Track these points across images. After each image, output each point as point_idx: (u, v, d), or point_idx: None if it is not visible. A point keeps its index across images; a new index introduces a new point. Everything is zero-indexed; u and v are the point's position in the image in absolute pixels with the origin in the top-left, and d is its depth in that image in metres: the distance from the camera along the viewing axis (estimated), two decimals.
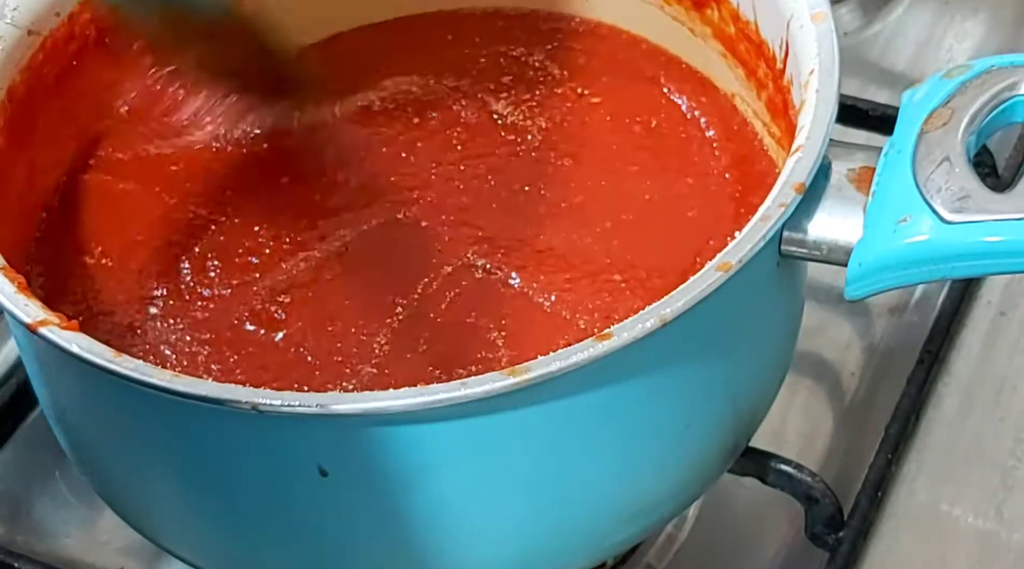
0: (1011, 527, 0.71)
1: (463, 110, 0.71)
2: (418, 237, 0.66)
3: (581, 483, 0.58)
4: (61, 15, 0.68)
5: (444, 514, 0.57)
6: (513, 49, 0.73)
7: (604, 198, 0.67)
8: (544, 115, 0.71)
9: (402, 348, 0.62)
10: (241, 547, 0.60)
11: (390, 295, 0.64)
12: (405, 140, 0.70)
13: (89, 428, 0.62)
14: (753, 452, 0.67)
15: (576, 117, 0.70)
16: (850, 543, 0.68)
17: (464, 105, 0.71)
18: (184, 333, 0.63)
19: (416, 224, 0.67)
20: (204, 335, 0.63)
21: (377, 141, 0.70)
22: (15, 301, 0.56)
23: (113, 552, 0.73)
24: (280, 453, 0.56)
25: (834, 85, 0.60)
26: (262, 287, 0.64)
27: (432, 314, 0.63)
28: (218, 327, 0.63)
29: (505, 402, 0.53)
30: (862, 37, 0.93)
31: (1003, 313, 0.79)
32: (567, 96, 0.71)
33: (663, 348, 0.55)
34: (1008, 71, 0.58)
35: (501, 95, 0.72)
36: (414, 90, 0.72)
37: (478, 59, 0.73)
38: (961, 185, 0.56)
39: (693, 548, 0.72)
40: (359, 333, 0.62)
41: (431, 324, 0.63)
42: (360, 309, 0.63)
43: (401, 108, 0.71)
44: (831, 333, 0.78)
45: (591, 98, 0.71)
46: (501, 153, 0.69)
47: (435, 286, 0.64)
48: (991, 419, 0.75)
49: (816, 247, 0.58)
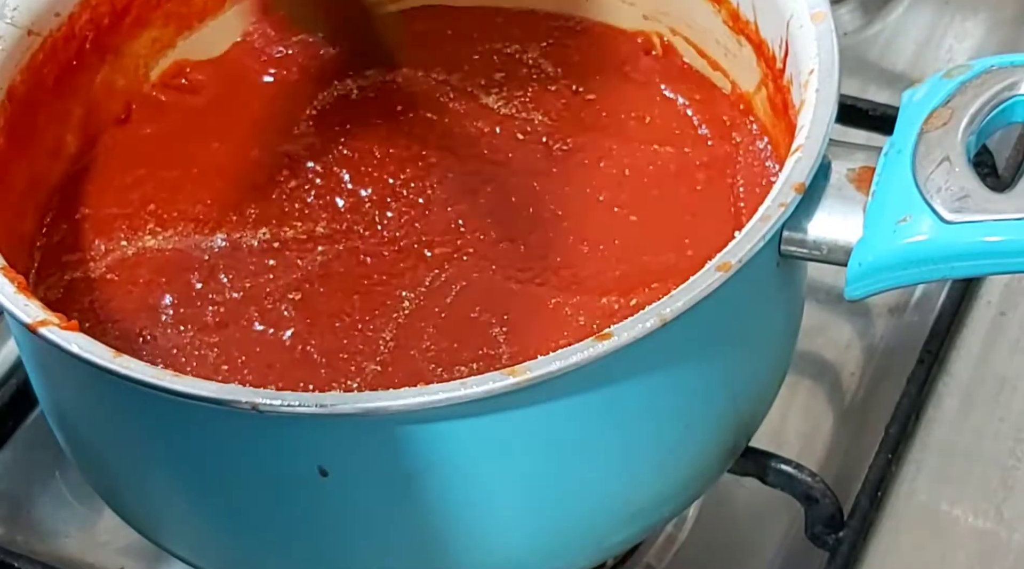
0: (1011, 527, 0.71)
1: (451, 102, 0.71)
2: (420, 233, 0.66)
3: (581, 483, 0.58)
4: (61, 15, 0.68)
5: (444, 514, 0.57)
6: (508, 46, 0.74)
7: (603, 196, 0.67)
8: (539, 111, 0.71)
9: (407, 345, 0.62)
10: (241, 547, 0.60)
11: (397, 289, 0.64)
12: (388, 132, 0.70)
13: (89, 428, 0.62)
14: (753, 452, 0.67)
15: (572, 114, 0.71)
16: (850, 543, 0.68)
17: (452, 97, 0.71)
18: (195, 336, 0.63)
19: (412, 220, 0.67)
20: (213, 337, 0.63)
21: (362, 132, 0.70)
22: (15, 301, 0.56)
23: (113, 552, 0.73)
24: (280, 453, 0.56)
25: (834, 85, 0.60)
26: (275, 288, 0.64)
27: (437, 308, 0.63)
28: (228, 328, 0.63)
29: (505, 402, 0.53)
30: (862, 37, 0.93)
31: (1003, 313, 0.79)
32: (561, 93, 0.71)
33: (663, 348, 0.55)
34: (1008, 71, 0.58)
35: (492, 91, 0.72)
36: (399, 81, 0.72)
37: (472, 55, 0.73)
38: (961, 185, 0.56)
39: (693, 548, 0.72)
40: (365, 329, 0.62)
41: (436, 319, 0.63)
42: (367, 305, 0.63)
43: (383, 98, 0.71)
44: (831, 333, 0.78)
45: (586, 95, 0.71)
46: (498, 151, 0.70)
47: (443, 279, 0.64)
48: (991, 419, 0.75)
49: (816, 247, 0.58)
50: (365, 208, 0.67)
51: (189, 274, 0.65)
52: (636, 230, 0.66)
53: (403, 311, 0.63)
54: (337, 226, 0.67)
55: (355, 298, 0.64)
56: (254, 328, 0.63)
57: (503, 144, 0.70)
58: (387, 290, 0.64)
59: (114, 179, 0.69)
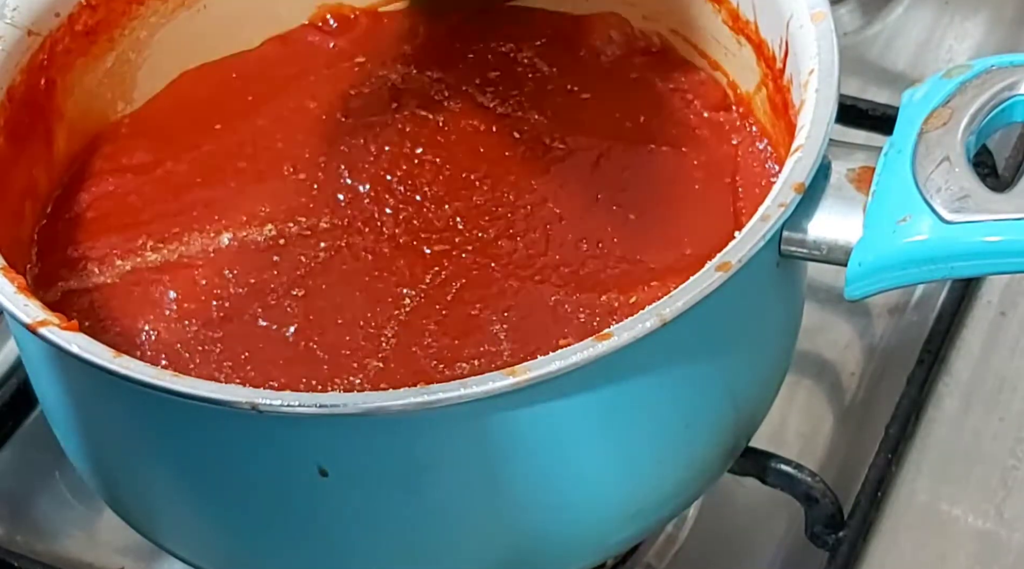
0: (1011, 527, 0.71)
1: (446, 101, 0.71)
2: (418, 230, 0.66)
3: (581, 483, 0.58)
4: (61, 15, 0.68)
5: (444, 514, 0.57)
6: (503, 45, 0.74)
7: (601, 195, 0.67)
8: (536, 110, 0.71)
9: (408, 342, 0.62)
10: (241, 547, 0.60)
11: (398, 286, 0.64)
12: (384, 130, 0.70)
13: (89, 428, 0.62)
14: (753, 452, 0.67)
15: (569, 113, 0.70)
16: (850, 543, 0.68)
17: (447, 95, 0.71)
18: (198, 331, 0.63)
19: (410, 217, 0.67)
20: (217, 333, 0.63)
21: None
22: (15, 301, 0.56)
23: (113, 552, 0.73)
24: (280, 453, 0.56)
25: (834, 85, 0.60)
26: (279, 284, 0.64)
27: (438, 305, 0.63)
28: (232, 324, 0.63)
29: (505, 402, 0.53)
30: (862, 37, 0.93)
31: (1003, 313, 0.79)
32: (558, 93, 0.71)
33: (663, 348, 0.55)
34: (1008, 71, 0.58)
35: (488, 90, 0.72)
36: (392, 77, 0.73)
37: (466, 54, 0.73)
38: (961, 185, 0.56)
39: (693, 548, 0.72)
40: (367, 326, 0.62)
41: (437, 316, 0.63)
42: (369, 301, 0.63)
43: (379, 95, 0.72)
44: (831, 333, 0.78)
45: (582, 95, 0.71)
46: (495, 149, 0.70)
47: (443, 276, 0.64)
48: (991, 419, 0.75)
49: (816, 247, 0.58)
50: (364, 204, 0.67)
51: (193, 270, 0.65)
52: (635, 229, 0.66)
53: (404, 308, 0.63)
54: (338, 222, 0.67)
55: (357, 295, 0.64)
56: (258, 324, 0.63)
57: (499, 142, 0.70)
58: (388, 287, 0.64)
59: (115, 179, 0.69)
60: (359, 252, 0.65)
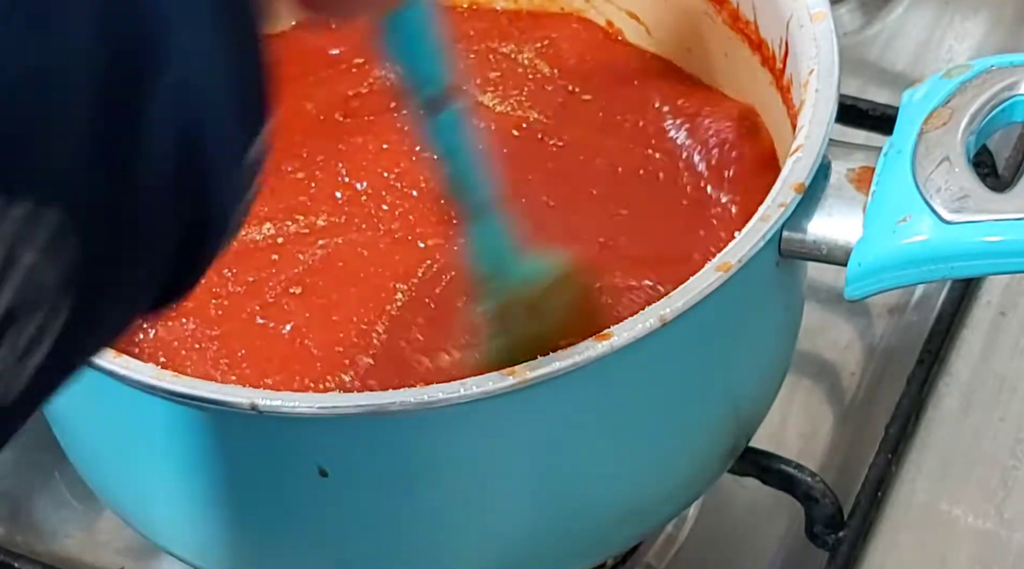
0: (1011, 527, 0.71)
1: None
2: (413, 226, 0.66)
3: (581, 483, 0.58)
4: None
5: (444, 514, 0.57)
6: (504, 46, 0.74)
7: (596, 191, 0.67)
8: (535, 110, 0.71)
9: (397, 335, 0.62)
10: (240, 547, 0.60)
11: (392, 281, 0.64)
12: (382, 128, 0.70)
13: (89, 428, 0.62)
14: (753, 452, 0.67)
15: (568, 113, 0.70)
16: (850, 543, 0.68)
17: None
18: (196, 329, 0.63)
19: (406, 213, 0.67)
20: (214, 331, 0.63)
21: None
22: None
23: (113, 552, 0.73)
24: (280, 453, 0.56)
25: (834, 85, 0.60)
26: (277, 281, 0.64)
27: (427, 299, 0.63)
28: (229, 322, 0.63)
29: (505, 402, 0.53)
30: (862, 37, 0.93)
31: (1003, 313, 0.79)
32: (557, 93, 0.71)
33: (663, 348, 0.55)
34: (1008, 71, 0.58)
35: (488, 90, 0.72)
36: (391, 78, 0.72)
37: (467, 54, 0.73)
38: (961, 185, 0.56)
39: (693, 548, 0.72)
40: (360, 322, 0.62)
41: (426, 309, 0.63)
42: (363, 297, 0.63)
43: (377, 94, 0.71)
44: (831, 333, 0.78)
45: (582, 96, 0.71)
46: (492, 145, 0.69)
47: (435, 269, 0.64)
48: (991, 419, 0.75)
49: (816, 247, 0.58)
50: (362, 201, 0.67)
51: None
52: (633, 228, 0.66)
53: (396, 303, 0.63)
54: (336, 219, 0.67)
55: (352, 291, 0.64)
56: (255, 322, 0.63)
57: (497, 140, 0.69)
58: (382, 282, 0.64)
59: None
60: (356, 249, 0.66)
